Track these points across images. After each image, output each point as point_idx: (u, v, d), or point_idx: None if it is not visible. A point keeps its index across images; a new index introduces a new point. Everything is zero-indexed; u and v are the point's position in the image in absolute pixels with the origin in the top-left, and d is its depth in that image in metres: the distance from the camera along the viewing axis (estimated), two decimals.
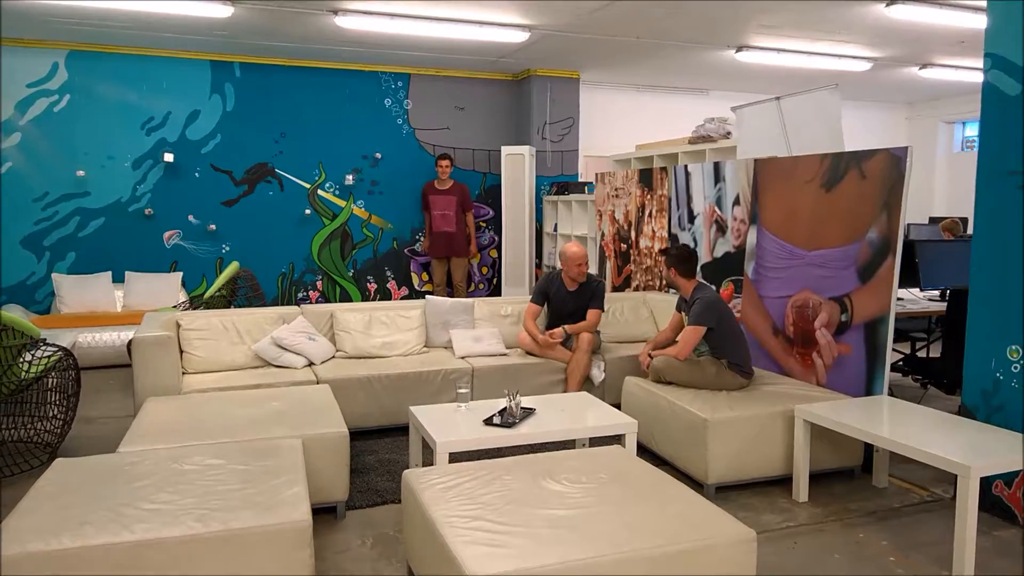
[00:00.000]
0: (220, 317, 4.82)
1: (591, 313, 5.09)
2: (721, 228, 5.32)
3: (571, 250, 5.09)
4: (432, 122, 8.92)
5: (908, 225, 7.40)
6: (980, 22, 5.90)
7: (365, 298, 8.79)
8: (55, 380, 4.20)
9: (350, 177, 8.58)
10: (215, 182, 8.14)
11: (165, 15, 6.35)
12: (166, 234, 8.02)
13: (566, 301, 5.17)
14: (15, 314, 4.58)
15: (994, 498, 3.54)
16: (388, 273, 8.92)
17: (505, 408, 3.63)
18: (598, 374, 5.05)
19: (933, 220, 8.88)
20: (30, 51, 7.40)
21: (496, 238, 9.20)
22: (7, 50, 7.32)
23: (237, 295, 6.59)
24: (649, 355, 4.43)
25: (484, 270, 9.30)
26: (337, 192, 8.61)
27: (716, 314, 4.23)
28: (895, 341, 4.14)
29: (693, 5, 6.04)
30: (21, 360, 4.06)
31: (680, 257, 4.45)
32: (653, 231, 6.24)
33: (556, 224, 8.75)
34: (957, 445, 3.13)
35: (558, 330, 5.03)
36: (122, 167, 7.80)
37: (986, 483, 3.50)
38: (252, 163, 8.25)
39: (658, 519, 2.48)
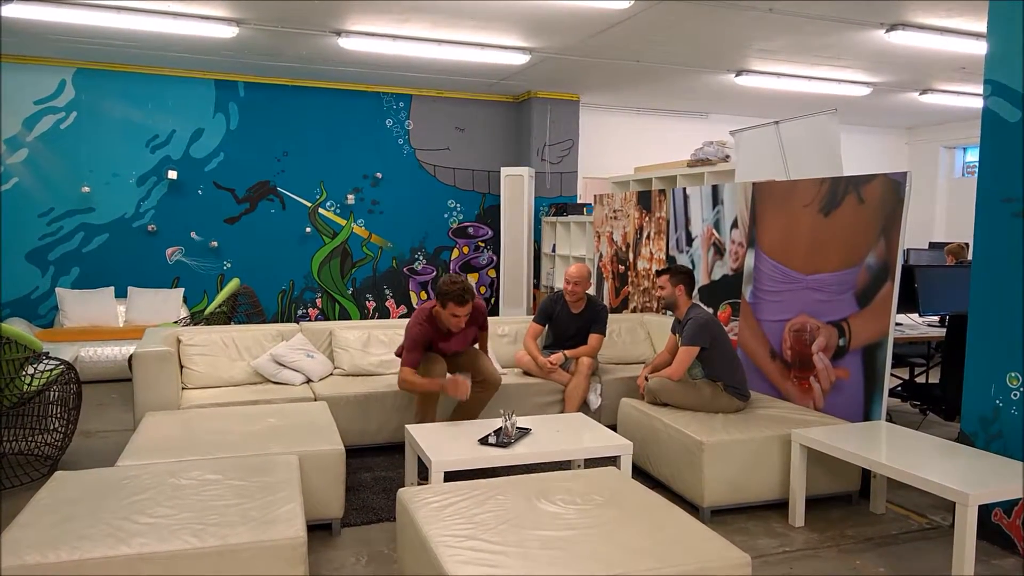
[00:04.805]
0: (220, 333, 4.84)
1: (592, 338, 5.05)
2: (719, 251, 5.34)
3: (567, 269, 5.12)
4: (433, 143, 8.99)
5: (908, 250, 7.41)
6: (980, 48, 5.95)
7: (364, 316, 8.82)
8: (56, 393, 4.22)
9: (351, 196, 8.64)
10: (218, 199, 8.19)
11: (171, 35, 6.43)
12: (168, 250, 8.06)
13: (569, 323, 5.15)
14: (18, 327, 4.60)
15: (993, 526, 3.51)
16: (387, 291, 8.95)
17: (501, 428, 3.63)
18: (595, 399, 5.02)
19: (934, 245, 8.89)
20: (38, 68, 7.49)
21: (495, 258, 9.24)
22: (16, 67, 7.40)
23: (237, 312, 6.62)
24: (645, 377, 4.43)
25: (482, 290, 9.32)
26: (338, 211, 8.66)
27: (710, 334, 4.22)
28: (894, 366, 4.14)
29: (693, 30, 6.11)
30: (23, 373, 4.08)
31: (689, 275, 4.47)
32: (651, 253, 6.26)
33: (554, 245, 8.78)
34: (955, 472, 3.12)
35: (557, 355, 5.01)
36: (126, 184, 7.86)
37: (985, 511, 3.48)
38: (254, 181, 8.32)
39: (652, 542, 2.47)
